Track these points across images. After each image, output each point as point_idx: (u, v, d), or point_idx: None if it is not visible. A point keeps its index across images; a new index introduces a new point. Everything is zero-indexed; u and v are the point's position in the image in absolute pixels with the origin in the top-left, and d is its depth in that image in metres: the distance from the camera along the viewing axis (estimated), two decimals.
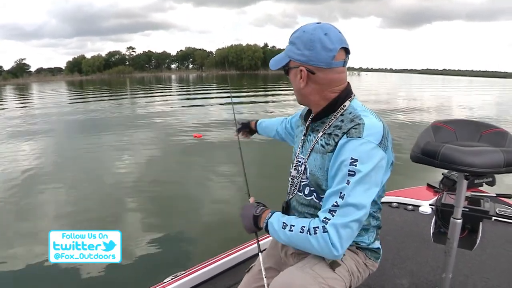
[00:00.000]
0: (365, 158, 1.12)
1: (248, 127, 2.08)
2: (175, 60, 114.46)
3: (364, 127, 1.15)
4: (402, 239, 2.41)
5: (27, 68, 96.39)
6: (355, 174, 1.11)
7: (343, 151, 1.15)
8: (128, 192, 5.84)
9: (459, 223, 1.65)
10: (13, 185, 6.19)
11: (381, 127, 1.18)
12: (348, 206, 1.11)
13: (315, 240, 1.13)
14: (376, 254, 1.38)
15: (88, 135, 10.69)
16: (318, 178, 1.25)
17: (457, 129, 1.69)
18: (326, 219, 1.12)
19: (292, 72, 1.27)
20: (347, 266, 1.26)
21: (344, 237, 1.11)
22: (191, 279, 1.91)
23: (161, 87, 39.35)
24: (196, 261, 2.27)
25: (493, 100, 25.06)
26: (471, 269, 2.05)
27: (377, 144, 1.14)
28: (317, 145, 1.27)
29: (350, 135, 1.15)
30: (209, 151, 8.36)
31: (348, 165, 1.12)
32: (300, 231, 1.17)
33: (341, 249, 1.11)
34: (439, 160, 1.49)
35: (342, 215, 1.11)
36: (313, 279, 1.16)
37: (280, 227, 1.22)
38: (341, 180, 1.13)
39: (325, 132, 1.25)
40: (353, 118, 1.19)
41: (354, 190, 1.11)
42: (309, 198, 1.33)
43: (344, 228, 1.10)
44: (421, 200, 2.99)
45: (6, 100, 28.44)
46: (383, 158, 1.16)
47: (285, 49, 1.29)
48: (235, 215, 4.42)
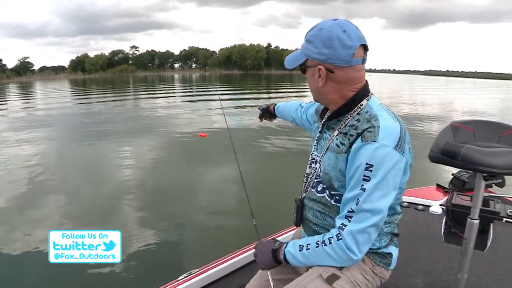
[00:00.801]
0: (380, 163, 1.09)
1: (268, 112, 2.09)
2: (178, 59, 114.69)
3: (379, 130, 1.12)
4: (414, 239, 2.41)
5: (30, 67, 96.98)
6: (370, 179, 1.10)
7: (358, 156, 1.12)
8: (130, 191, 5.82)
9: (476, 224, 1.64)
10: (15, 184, 6.19)
11: (398, 128, 1.15)
12: (364, 211, 1.11)
13: (331, 250, 1.15)
14: (385, 260, 1.32)
15: (90, 134, 10.65)
16: (330, 177, 1.24)
17: (475, 129, 1.68)
18: (343, 225, 1.14)
19: (309, 70, 1.24)
20: (347, 277, 1.23)
21: (361, 242, 1.12)
22: (205, 277, 1.91)
23: (164, 86, 39.38)
24: (201, 260, 2.27)
25: (499, 102, 24.98)
26: (484, 270, 2.04)
27: (393, 147, 1.11)
28: (332, 144, 1.25)
29: (365, 139, 1.12)
30: (213, 150, 8.32)
31: (363, 171, 1.10)
32: (315, 246, 1.18)
33: (360, 253, 1.12)
34: (459, 160, 1.49)
35: (358, 221, 1.11)
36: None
37: (297, 251, 1.23)
38: (356, 186, 1.12)
39: (340, 131, 1.23)
40: (369, 118, 1.16)
41: (370, 195, 1.10)
42: (321, 195, 1.32)
43: (361, 234, 1.11)
44: (431, 200, 2.98)
45: (10, 99, 28.51)
46: (399, 161, 1.12)
47: (301, 47, 1.25)
48: (238, 216, 4.45)
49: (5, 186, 6.13)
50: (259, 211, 1.82)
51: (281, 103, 2.03)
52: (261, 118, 2.16)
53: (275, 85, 39.33)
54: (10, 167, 7.34)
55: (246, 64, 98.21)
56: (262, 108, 2.13)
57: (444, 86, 48.36)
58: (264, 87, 35.63)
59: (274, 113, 2.05)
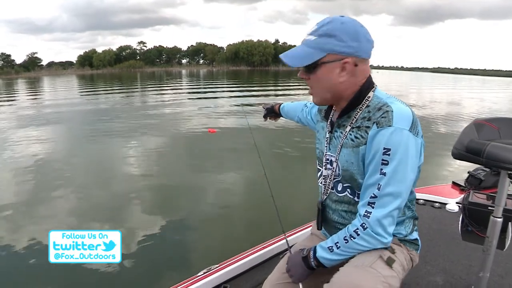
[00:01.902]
0: (397, 146, 1.11)
1: (273, 111, 2.11)
2: (185, 55, 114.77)
3: (393, 114, 1.13)
4: (432, 237, 2.40)
5: (38, 62, 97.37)
6: (389, 163, 1.12)
7: (375, 142, 1.14)
8: (139, 188, 5.80)
9: (500, 222, 1.63)
10: (18, 181, 6.22)
11: (410, 111, 1.17)
12: (387, 196, 1.14)
13: (361, 240, 1.18)
14: (415, 245, 1.38)
15: (97, 131, 10.61)
16: (352, 173, 1.24)
17: (500, 127, 1.66)
18: (367, 212, 1.16)
19: (325, 67, 1.20)
20: (399, 260, 1.26)
21: (387, 225, 1.16)
22: (225, 272, 1.91)
23: (172, 82, 39.44)
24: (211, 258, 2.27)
25: None
26: (505, 269, 2.02)
27: (408, 129, 1.13)
28: (346, 140, 1.25)
29: (380, 125, 1.14)
30: (224, 147, 8.30)
31: (381, 155, 1.13)
32: (345, 242, 1.21)
33: (388, 236, 1.17)
34: (485, 158, 1.47)
35: (382, 206, 1.14)
36: (377, 279, 1.15)
37: (329, 253, 1.24)
38: (376, 171, 1.14)
39: (353, 126, 1.24)
40: (380, 107, 1.18)
41: (390, 179, 1.12)
42: (343, 195, 1.32)
43: (386, 218, 1.15)
44: (448, 197, 2.97)
45: (18, 94, 28.67)
46: (415, 143, 1.14)
47: (315, 43, 1.20)
48: (240, 217, 4.44)
49: (8, 182, 6.17)
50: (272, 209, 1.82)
51: (286, 103, 2.05)
52: (265, 117, 2.18)
53: (283, 81, 39.19)
54: (15, 163, 7.38)
55: (254, 60, 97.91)
56: (267, 107, 2.16)
57: (453, 84, 47.94)
58: (272, 84, 35.51)
59: (279, 113, 2.07)
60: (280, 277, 1.42)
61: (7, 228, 4.49)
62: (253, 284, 1.88)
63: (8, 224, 4.60)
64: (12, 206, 5.15)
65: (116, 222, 4.58)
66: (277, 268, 1.48)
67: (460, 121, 12.34)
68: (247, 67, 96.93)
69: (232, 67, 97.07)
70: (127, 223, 4.61)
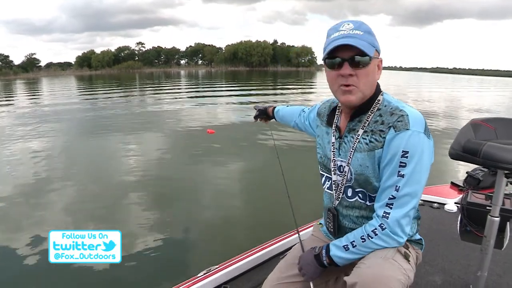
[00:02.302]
0: (414, 148, 1.15)
1: (265, 113, 2.10)
2: (184, 55, 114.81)
3: (409, 118, 1.17)
4: (431, 237, 2.41)
5: (37, 63, 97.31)
6: (407, 165, 1.15)
7: (393, 145, 1.17)
8: (138, 189, 5.79)
9: (497, 221, 1.65)
10: (18, 180, 6.21)
11: (422, 116, 1.21)
12: (405, 196, 1.17)
13: (379, 240, 1.21)
14: (420, 245, 1.41)
15: (94, 132, 10.57)
16: (367, 176, 1.25)
17: (497, 127, 1.68)
18: (386, 213, 1.19)
19: (373, 62, 1.23)
20: (412, 256, 1.29)
21: (404, 225, 1.20)
22: (225, 273, 1.92)
23: (170, 83, 39.39)
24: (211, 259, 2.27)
25: None
26: (503, 269, 2.04)
27: (423, 132, 1.17)
28: (360, 145, 1.26)
29: (397, 129, 1.17)
30: (222, 147, 8.31)
31: (400, 158, 1.16)
32: (362, 241, 1.23)
33: (405, 235, 1.21)
34: (481, 158, 1.49)
35: (400, 206, 1.18)
36: (399, 270, 1.17)
37: (343, 252, 1.26)
38: (394, 173, 1.17)
39: (365, 130, 1.25)
40: (392, 111, 1.21)
41: (409, 180, 1.16)
42: (353, 200, 1.34)
43: (404, 218, 1.19)
44: (446, 198, 2.98)
45: (17, 95, 28.62)
46: (429, 145, 1.19)
47: (365, 38, 1.21)
48: (239, 217, 4.43)
49: (8, 182, 6.15)
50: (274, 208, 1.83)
51: (281, 107, 2.02)
52: (256, 118, 2.16)
53: (281, 81, 39.20)
54: (14, 164, 7.36)
55: (253, 61, 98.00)
56: (259, 108, 2.13)
57: (452, 84, 47.99)
58: (271, 84, 35.50)
59: (273, 115, 2.06)
60: (279, 277, 1.43)
61: (7, 228, 4.49)
62: (253, 285, 1.89)
63: (8, 224, 4.61)
64: (12, 205, 5.16)
65: (116, 222, 4.58)
66: (277, 268, 1.49)
67: (459, 121, 12.36)
68: (246, 67, 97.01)
69: (231, 68, 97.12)
70: (127, 223, 4.60)
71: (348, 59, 1.20)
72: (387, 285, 1.12)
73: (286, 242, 2.19)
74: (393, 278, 1.14)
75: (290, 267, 1.44)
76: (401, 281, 1.15)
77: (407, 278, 1.18)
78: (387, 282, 1.12)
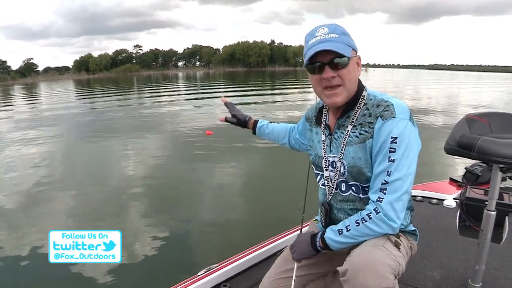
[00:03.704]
0: (402, 134, 1.20)
1: (243, 124, 1.88)
2: (182, 57, 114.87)
3: (394, 107, 1.23)
4: (430, 232, 2.42)
5: (34, 68, 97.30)
6: (396, 150, 1.20)
7: (382, 133, 1.22)
8: (135, 190, 5.78)
9: (493, 215, 1.66)
10: (17, 183, 6.22)
11: (406, 105, 1.27)
12: (396, 181, 1.21)
13: (373, 224, 1.23)
14: (414, 235, 1.43)
15: (94, 134, 10.58)
16: (360, 167, 1.29)
17: (491, 121, 1.69)
18: (380, 198, 1.22)
19: (352, 61, 1.28)
20: (404, 244, 1.32)
21: (398, 209, 1.22)
22: (225, 271, 1.93)
23: (168, 85, 39.31)
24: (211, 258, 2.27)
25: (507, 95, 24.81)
26: (502, 263, 2.05)
27: (409, 119, 1.23)
28: (350, 138, 1.31)
29: (384, 117, 1.22)
30: (220, 148, 8.29)
31: (389, 144, 1.21)
32: (356, 225, 1.26)
33: (398, 220, 1.23)
34: (476, 152, 1.50)
35: (393, 191, 1.21)
36: (388, 256, 1.20)
37: (337, 235, 1.29)
38: (385, 159, 1.22)
39: (354, 124, 1.31)
40: (378, 103, 1.27)
41: (399, 165, 1.20)
42: (347, 194, 1.37)
43: (397, 202, 1.21)
44: (445, 194, 2.99)
45: (15, 100, 28.58)
46: (415, 131, 1.25)
47: (341, 39, 1.25)
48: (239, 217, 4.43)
49: (8, 185, 6.15)
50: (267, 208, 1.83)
51: (266, 122, 1.85)
52: (226, 121, 1.90)
53: (279, 81, 39.16)
54: (14, 167, 7.38)
55: (250, 61, 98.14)
56: (236, 115, 1.88)
57: (449, 80, 48.01)
58: (269, 84, 35.47)
59: (253, 129, 1.86)
60: (276, 273, 1.47)
61: (7, 228, 4.53)
62: (253, 283, 1.90)
63: (8, 224, 4.63)
64: (12, 206, 5.19)
65: (116, 222, 4.59)
66: (274, 265, 1.52)
67: (457, 116, 12.32)
68: (244, 68, 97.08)
69: (229, 69, 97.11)
70: (127, 223, 4.62)
71: (327, 63, 1.25)
72: (375, 269, 1.14)
73: (285, 240, 2.20)
74: (382, 263, 1.16)
75: (286, 263, 1.47)
76: (390, 266, 1.17)
77: (397, 264, 1.21)
78: (376, 266, 1.15)
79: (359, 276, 1.14)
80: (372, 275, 1.13)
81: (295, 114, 13.22)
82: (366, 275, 1.13)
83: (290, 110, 14.47)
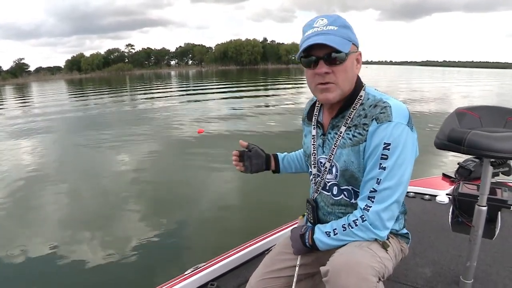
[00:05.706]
0: (397, 141, 1.12)
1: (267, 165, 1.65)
2: (174, 56, 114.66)
3: (391, 110, 1.14)
4: (422, 229, 2.39)
5: (26, 68, 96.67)
6: (389, 158, 1.13)
7: (375, 137, 1.15)
8: (130, 189, 5.76)
9: (484, 210, 1.61)
10: (11, 183, 6.15)
11: (406, 107, 1.18)
12: (386, 190, 1.15)
13: (358, 231, 1.19)
14: (406, 238, 1.41)
15: (88, 134, 10.49)
16: (353, 171, 1.24)
17: (481, 115, 1.66)
18: (367, 206, 1.17)
19: (350, 57, 1.19)
20: (393, 247, 1.28)
21: (385, 219, 1.17)
22: (213, 270, 1.90)
23: (161, 84, 39.19)
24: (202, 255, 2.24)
25: (498, 90, 24.97)
26: (494, 259, 2.02)
27: (406, 124, 1.15)
28: (344, 140, 1.24)
29: (379, 120, 1.14)
30: (213, 146, 8.28)
31: (381, 150, 1.14)
32: (343, 230, 1.22)
33: (385, 229, 1.19)
34: (466, 146, 1.46)
35: (381, 200, 1.16)
36: (373, 257, 1.16)
37: (326, 237, 1.26)
38: (375, 166, 1.15)
39: (348, 125, 1.23)
40: (376, 103, 1.19)
41: (390, 174, 1.14)
42: (339, 198, 1.33)
43: (385, 212, 1.16)
44: (438, 189, 2.96)
45: (6, 100, 28.37)
46: (413, 137, 1.17)
47: (340, 33, 1.16)
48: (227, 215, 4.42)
49: (3, 185, 6.11)
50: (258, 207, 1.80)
51: (283, 154, 1.69)
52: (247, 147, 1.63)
53: (272, 79, 39.18)
54: (8, 167, 7.32)
55: (243, 59, 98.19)
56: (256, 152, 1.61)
57: (442, 77, 48.26)
58: (262, 82, 35.44)
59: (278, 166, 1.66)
60: (264, 273, 1.43)
61: (6, 228, 4.51)
62: (240, 282, 1.86)
63: (6, 224, 4.64)
64: (10, 205, 5.19)
65: (102, 220, 4.59)
66: (262, 264, 1.49)
67: (449, 112, 12.38)
68: (236, 66, 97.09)
69: (221, 67, 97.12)
70: (113, 222, 4.59)
71: (323, 57, 1.16)
72: (357, 270, 1.10)
73: (274, 239, 2.16)
74: (364, 264, 1.11)
75: (275, 262, 1.44)
76: (374, 268, 1.12)
77: (382, 266, 1.16)
78: (357, 268, 1.10)
79: (341, 278, 1.10)
80: (354, 277, 1.09)
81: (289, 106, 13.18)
82: (348, 277, 1.09)
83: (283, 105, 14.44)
